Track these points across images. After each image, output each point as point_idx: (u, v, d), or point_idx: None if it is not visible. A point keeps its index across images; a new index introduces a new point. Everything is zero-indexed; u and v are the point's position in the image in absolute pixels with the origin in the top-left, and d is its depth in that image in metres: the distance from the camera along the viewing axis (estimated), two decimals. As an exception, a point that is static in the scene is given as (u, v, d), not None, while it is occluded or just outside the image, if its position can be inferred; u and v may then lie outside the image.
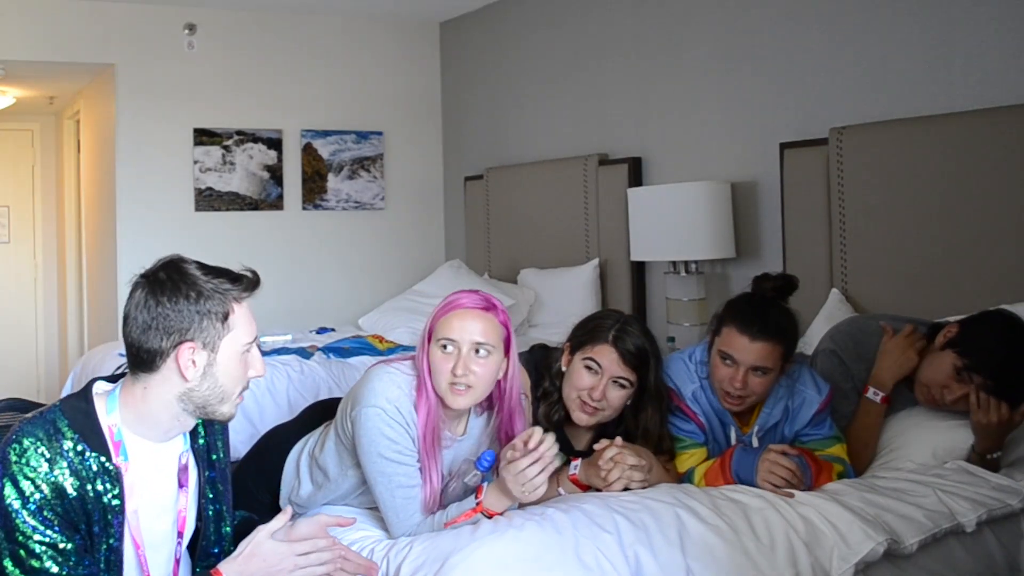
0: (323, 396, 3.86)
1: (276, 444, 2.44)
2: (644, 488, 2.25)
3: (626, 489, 2.26)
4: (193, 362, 1.68)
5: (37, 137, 7.76)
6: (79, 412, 1.70)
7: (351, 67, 5.97)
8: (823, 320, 3.27)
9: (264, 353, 4.18)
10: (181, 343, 1.68)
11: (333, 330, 5.16)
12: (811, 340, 3.08)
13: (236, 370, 1.73)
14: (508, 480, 2.02)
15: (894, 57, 3.41)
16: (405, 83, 6.12)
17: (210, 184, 5.62)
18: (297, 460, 2.35)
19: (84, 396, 1.74)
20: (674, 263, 4.04)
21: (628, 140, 4.63)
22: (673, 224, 3.90)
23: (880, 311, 3.18)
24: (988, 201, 3.03)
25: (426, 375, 2.13)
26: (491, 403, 2.24)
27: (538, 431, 2.05)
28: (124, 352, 1.82)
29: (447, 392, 2.11)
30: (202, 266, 1.74)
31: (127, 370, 1.76)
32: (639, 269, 4.54)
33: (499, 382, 2.18)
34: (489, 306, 2.15)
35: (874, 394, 2.57)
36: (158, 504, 1.75)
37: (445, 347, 2.11)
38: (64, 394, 4.56)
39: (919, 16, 3.32)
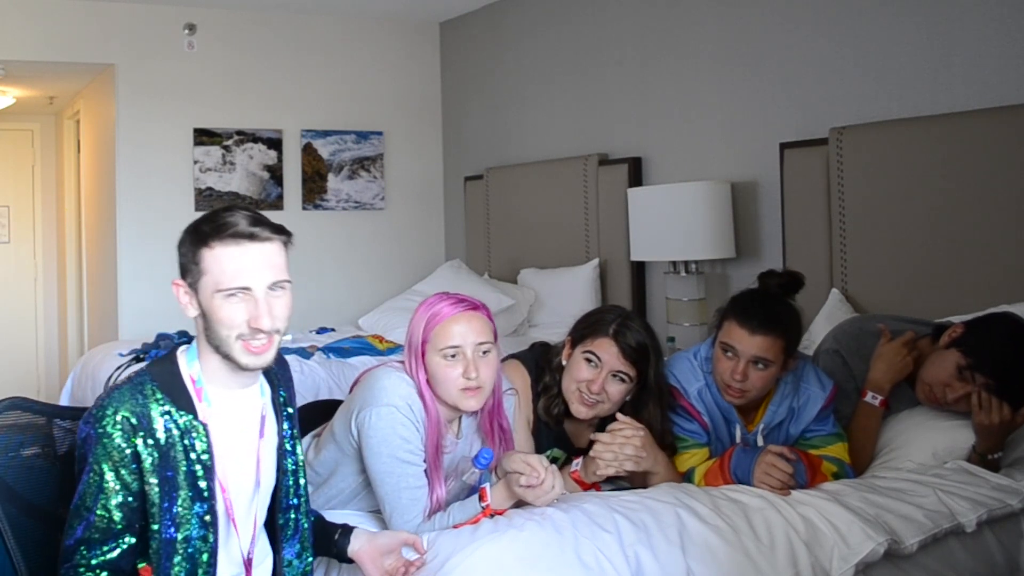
0: (323, 396, 3.86)
1: None
2: (633, 465, 2.27)
3: (622, 486, 2.27)
4: (188, 302, 1.76)
5: (37, 137, 7.76)
6: (166, 373, 1.76)
7: (351, 67, 5.97)
8: (823, 320, 3.27)
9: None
10: (175, 281, 1.77)
11: (333, 330, 5.16)
12: (812, 340, 3.09)
13: (220, 314, 1.71)
14: (527, 496, 2.07)
15: (894, 57, 3.41)
16: (405, 83, 6.13)
17: (210, 184, 5.62)
18: None
19: (169, 357, 1.81)
20: (674, 263, 4.04)
21: (628, 140, 4.63)
22: (673, 224, 3.90)
23: (880, 311, 3.18)
24: (988, 201, 3.03)
25: (425, 385, 2.14)
26: None
27: (547, 476, 2.08)
28: (124, 352, 1.85)
29: (459, 397, 2.13)
30: (229, 209, 1.78)
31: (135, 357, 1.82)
32: (639, 269, 4.54)
33: None
34: (476, 305, 2.19)
35: (872, 398, 2.57)
36: (240, 452, 1.79)
37: (451, 355, 2.12)
38: (63, 395, 4.58)
39: (919, 16, 3.32)
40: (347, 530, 1.99)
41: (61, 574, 1.68)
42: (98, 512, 1.66)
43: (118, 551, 1.68)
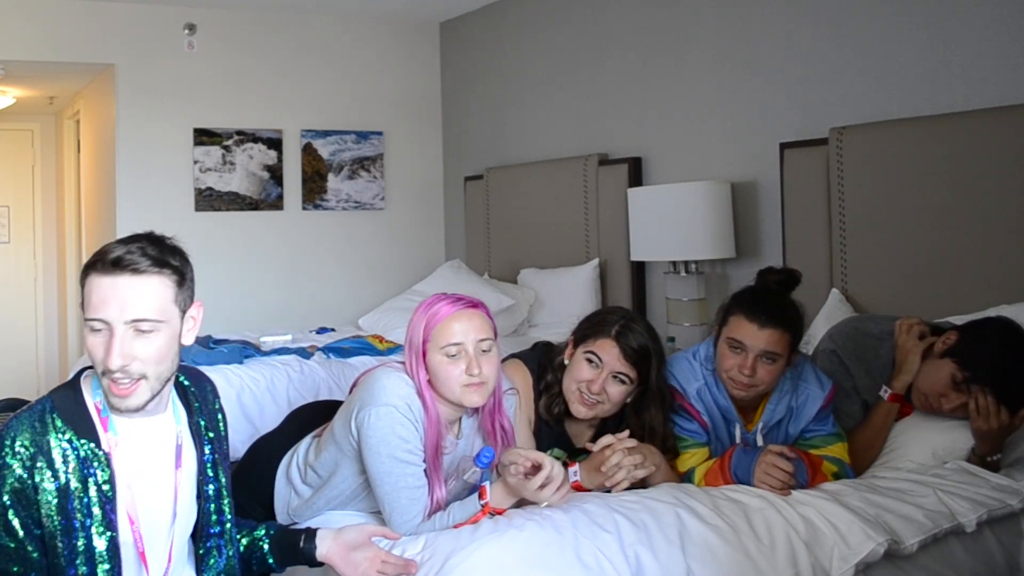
0: (323, 396, 3.86)
1: (264, 456, 2.43)
2: (645, 471, 2.27)
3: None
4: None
5: (37, 137, 7.76)
6: (68, 400, 1.70)
7: (351, 67, 5.97)
8: (823, 320, 3.27)
9: (264, 353, 4.22)
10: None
11: (333, 330, 5.16)
12: (811, 340, 3.08)
13: (89, 344, 1.65)
14: (523, 492, 2.08)
15: (894, 57, 3.41)
16: (405, 83, 6.13)
17: (210, 184, 5.62)
18: (287, 473, 2.34)
19: (72, 383, 1.74)
20: (674, 263, 4.04)
21: (628, 140, 4.63)
22: (673, 224, 3.90)
23: (880, 311, 3.18)
24: (988, 201, 3.03)
25: (426, 385, 2.14)
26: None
27: (547, 464, 2.09)
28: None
29: (463, 393, 2.13)
30: (135, 237, 1.72)
31: None
32: (639, 269, 4.54)
33: None
34: (475, 303, 2.20)
35: (884, 391, 2.55)
36: (152, 481, 1.73)
37: (452, 353, 2.12)
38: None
39: (919, 16, 3.32)
40: (311, 534, 1.95)
41: None
42: (11, 545, 1.61)
43: None
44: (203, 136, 5.60)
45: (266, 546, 1.97)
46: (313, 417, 2.52)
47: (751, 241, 4.01)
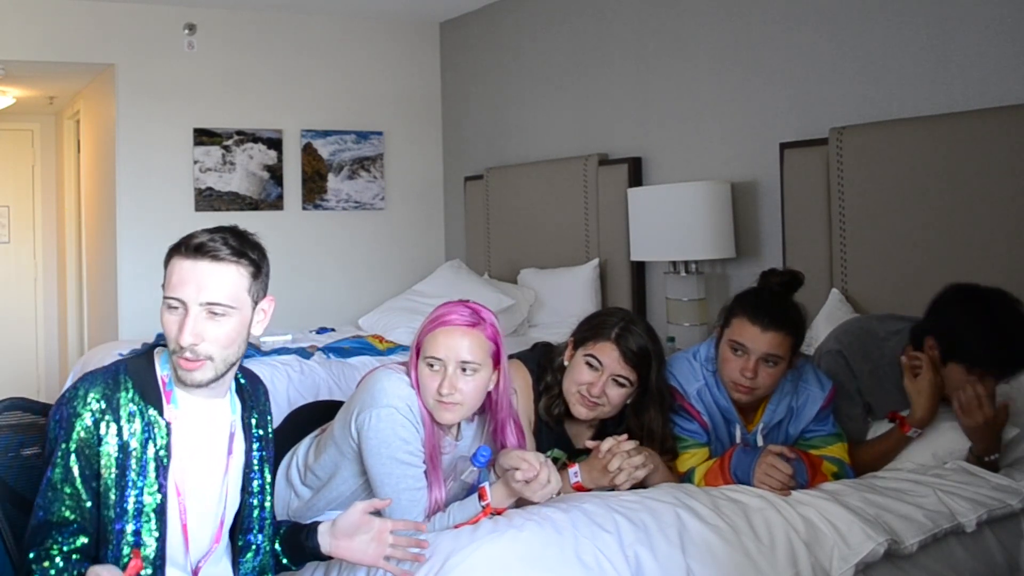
0: (323, 396, 3.86)
1: None
2: (646, 471, 2.27)
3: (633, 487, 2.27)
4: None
5: (37, 137, 7.76)
6: (140, 367, 1.79)
7: (351, 67, 5.97)
8: (823, 320, 3.28)
9: (264, 353, 4.22)
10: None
11: (333, 330, 5.16)
12: (813, 341, 3.09)
13: (165, 321, 1.76)
14: (525, 492, 2.08)
15: (894, 57, 3.41)
16: (405, 83, 6.13)
17: (210, 184, 5.62)
18: (286, 474, 2.34)
19: (146, 354, 1.83)
20: (674, 263, 4.04)
21: (628, 140, 4.63)
22: (673, 224, 3.90)
23: (880, 311, 3.18)
24: (988, 201, 3.03)
25: (418, 386, 2.15)
26: (482, 409, 2.25)
27: (544, 473, 2.09)
28: (124, 352, 1.86)
29: (435, 407, 2.13)
30: (220, 229, 1.81)
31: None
32: (639, 269, 4.54)
33: (489, 394, 2.20)
34: (476, 321, 2.15)
35: (915, 432, 2.51)
36: (205, 458, 1.80)
37: (432, 365, 2.12)
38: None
39: (919, 16, 3.32)
40: (312, 529, 1.95)
41: (30, 557, 1.65)
42: (67, 491, 1.67)
43: (89, 540, 1.68)
44: (203, 136, 5.60)
45: (278, 545, 1.97)
46: (313, 417, 2.52)
47: (751, 241, 4.01)
